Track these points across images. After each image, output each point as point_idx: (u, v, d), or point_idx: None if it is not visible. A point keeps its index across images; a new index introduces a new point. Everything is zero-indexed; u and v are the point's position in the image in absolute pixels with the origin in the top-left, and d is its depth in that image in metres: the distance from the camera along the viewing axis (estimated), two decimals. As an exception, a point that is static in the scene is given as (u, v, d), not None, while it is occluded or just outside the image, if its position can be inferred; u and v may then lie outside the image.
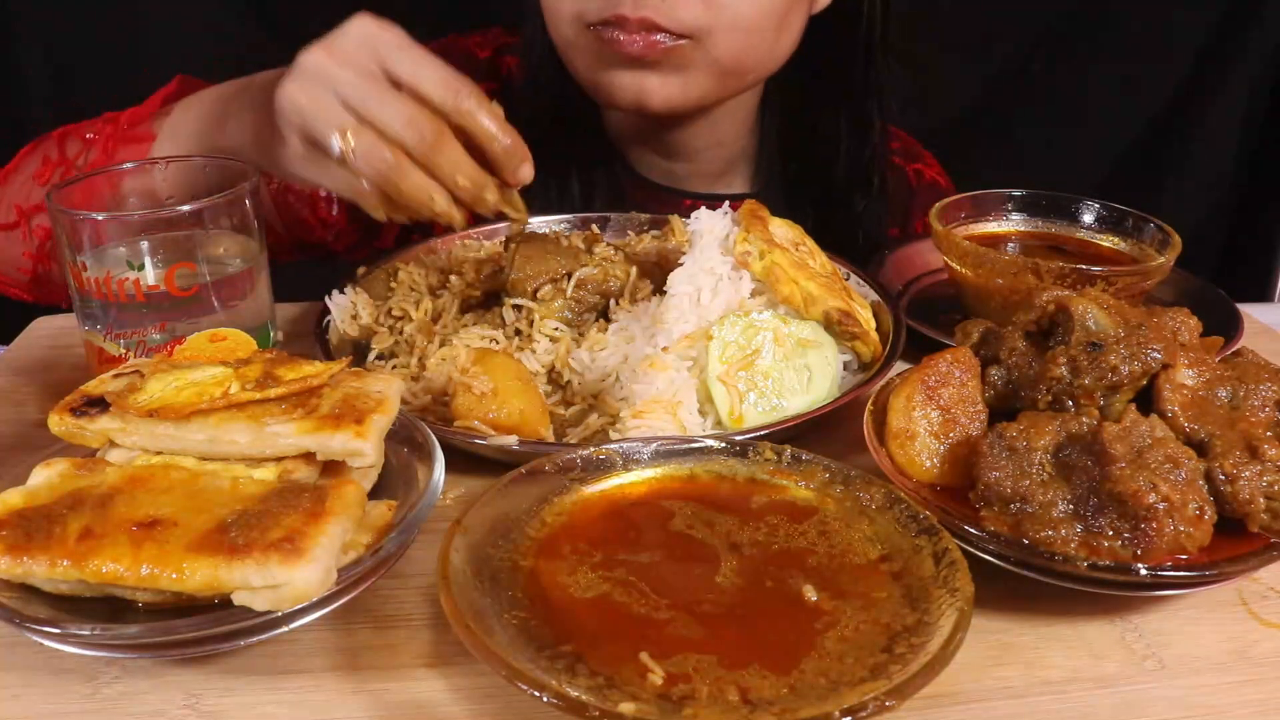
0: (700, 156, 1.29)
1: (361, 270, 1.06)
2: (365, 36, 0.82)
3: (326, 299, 1.01)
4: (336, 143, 0.80)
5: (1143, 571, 0.62)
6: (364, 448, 0.65)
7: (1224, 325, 0.94)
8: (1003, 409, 0.76)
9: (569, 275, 0.96)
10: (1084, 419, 0.69)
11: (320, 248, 1.31)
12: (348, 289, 1.03)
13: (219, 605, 0.57)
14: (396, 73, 0.81)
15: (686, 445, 0.75)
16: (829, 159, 1.30)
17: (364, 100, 0.80)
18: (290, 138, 0.84)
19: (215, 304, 0.83)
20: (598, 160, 1.27)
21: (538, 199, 1.23)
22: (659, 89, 1.09)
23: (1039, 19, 2.01)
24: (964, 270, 1.01)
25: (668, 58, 1.06)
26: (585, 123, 1.27)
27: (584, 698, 0.53)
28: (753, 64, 1.13)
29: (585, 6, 1.06)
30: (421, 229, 1.33)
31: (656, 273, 0.99)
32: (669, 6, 1.02)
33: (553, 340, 0.93)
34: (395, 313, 1.00)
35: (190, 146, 1.00)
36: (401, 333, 0.99)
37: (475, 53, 1.32)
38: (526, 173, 0.87)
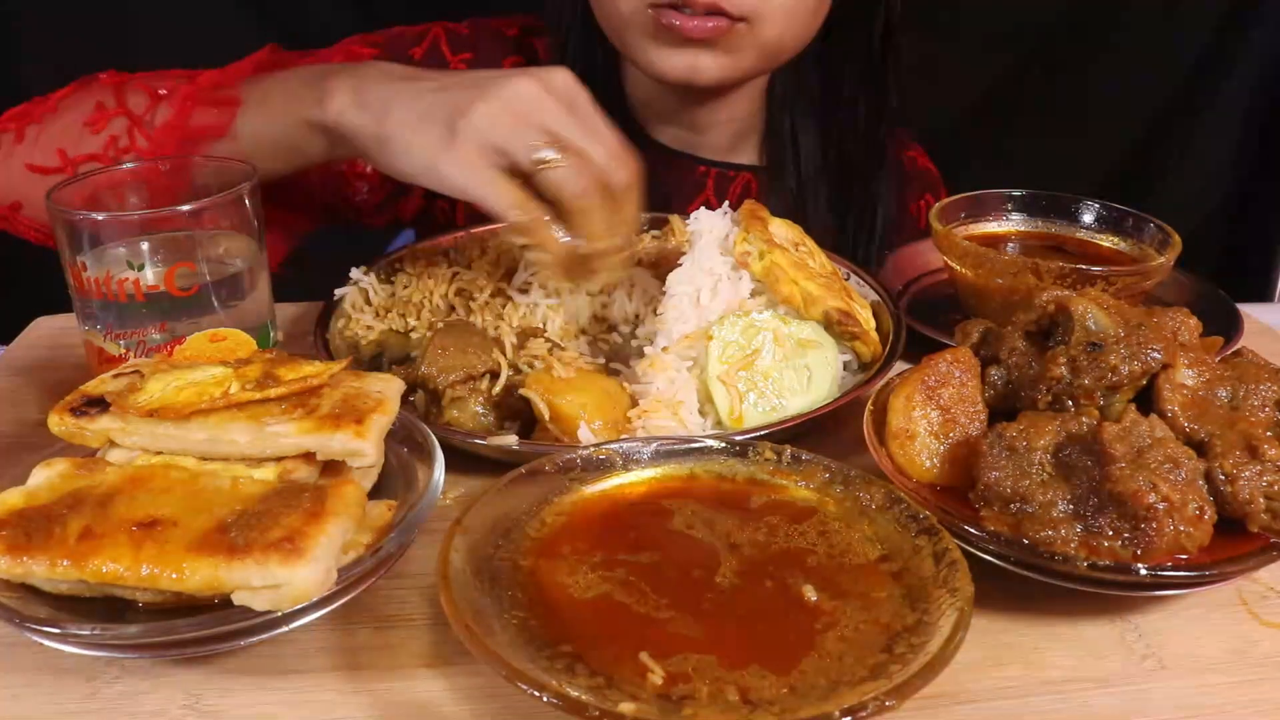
0: (715, 130, 1.36)
1: (357, 273, 1.06)
2: (570, 85, 0.88)
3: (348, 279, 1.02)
4: (548, 153, 0.85)
5: (1143, 571, 0.62)
6: (364, 448, 0.65)
7: (1224, 325, 0.94)
8: (1003, 409, 0.76)
9: (491, 374, 0.86)
10: (1084, 419, 0.69)
11: (347, 208, 1.30)
12: (355, 271, 1.03)
13: (219, 605, 0.57)
14: (592, 123, 0.88)
15: (686, 445, 0.75)
16: (844, 136, 1.35)
17: (573, 133, 0.86)
18: (466, 142, 0.85)
19: (215, 304, 0.83)
20: (620, 128, 1.32)
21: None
22: (709, 67, 1.16)
23: (1040, 19, 2.01)
24: (964, 270, 1.01)
25: (722, 39, 1.13)
26: (609, 93, 1.32)
27: (584, 697, 0.53)
28: (790, 43, 1.21)
29: None
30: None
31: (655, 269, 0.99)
32: None
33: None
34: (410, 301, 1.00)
35: (280, 116, 0.98)
36: (410, 329, 0.98)
37: (504, 30, 1.38)
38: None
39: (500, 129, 0.84)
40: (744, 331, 0.85)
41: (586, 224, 0.87)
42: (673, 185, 1.35)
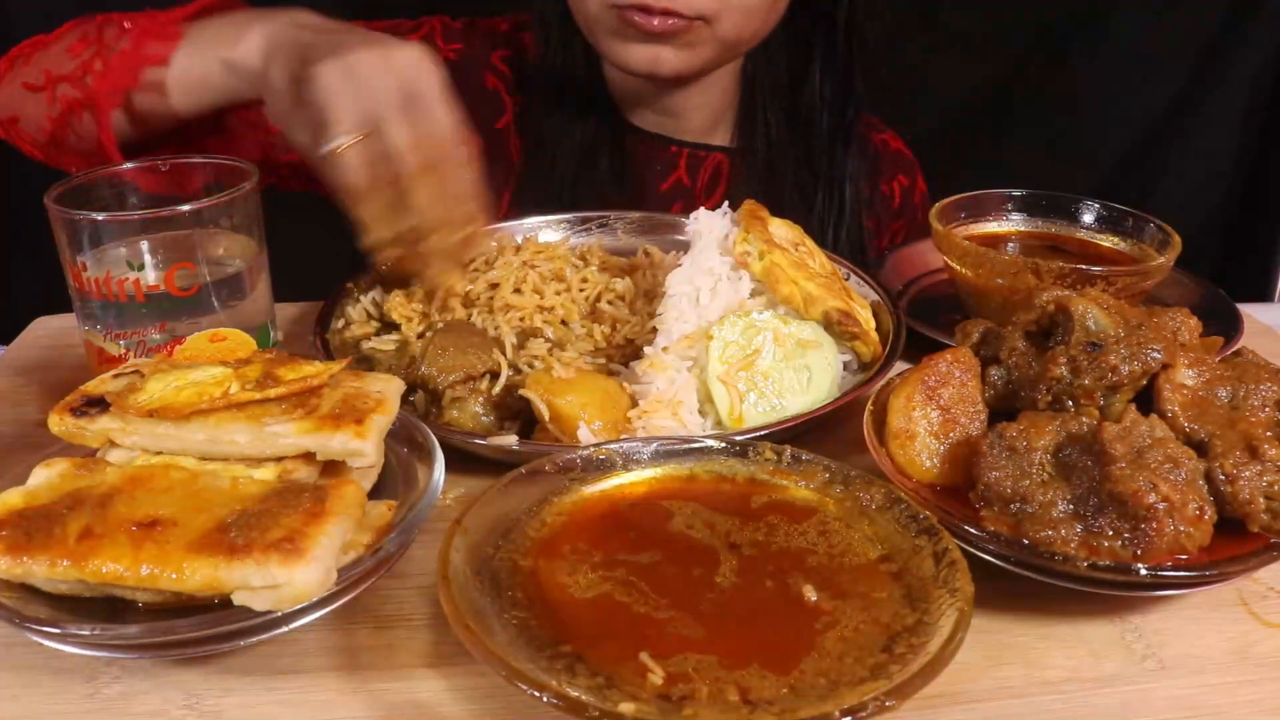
0: (690, 114, 1.41)
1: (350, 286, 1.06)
2: (414, 63, 0.90)
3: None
4: (335, 142, 0.87)
5: (1143, 571, 0.62)
6: (364, 448, 0.65)
7: (1224, 325, 0.94)
8: (1003, 409, 0.76)
9: (491, 374, 0.86)
10: (1084, 419, 0.69)
11: (275, 168, 1.33)
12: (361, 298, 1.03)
13: (219, 605, 0.57)
14: (421, 105, 0.89)
15: (686, 445, 0.75)
16: (812, 116, 1.39)
17: (383, 114, 0.87)
18: (305, 105, 0.89)
19: (215, 304, 0.83)
20: (600, 114, 1.39)
21: (548, 148, 1.35)
22: (670, 59, 1.22)
23: (1039, 19, 2.01)
24: (964, 270, 1.01)
25: (681, 35, 1.19)
26: (590, 82, 1.38)
27: (584, 698, 0.53)
28: (749, 37, 1.27)
29: None
30: None
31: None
32: None
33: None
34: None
35: (204, 51, 1.04)
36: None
37: (496, 27, 1.45)
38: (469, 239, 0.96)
39: (326, 102, 0.87)
40: (744, 332, 0.85)
41: (365, 213, 0.90)
42: (646, 166, 1.41)
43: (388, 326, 0.98)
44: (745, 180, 1.39)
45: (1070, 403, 0.72)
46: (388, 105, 0.87)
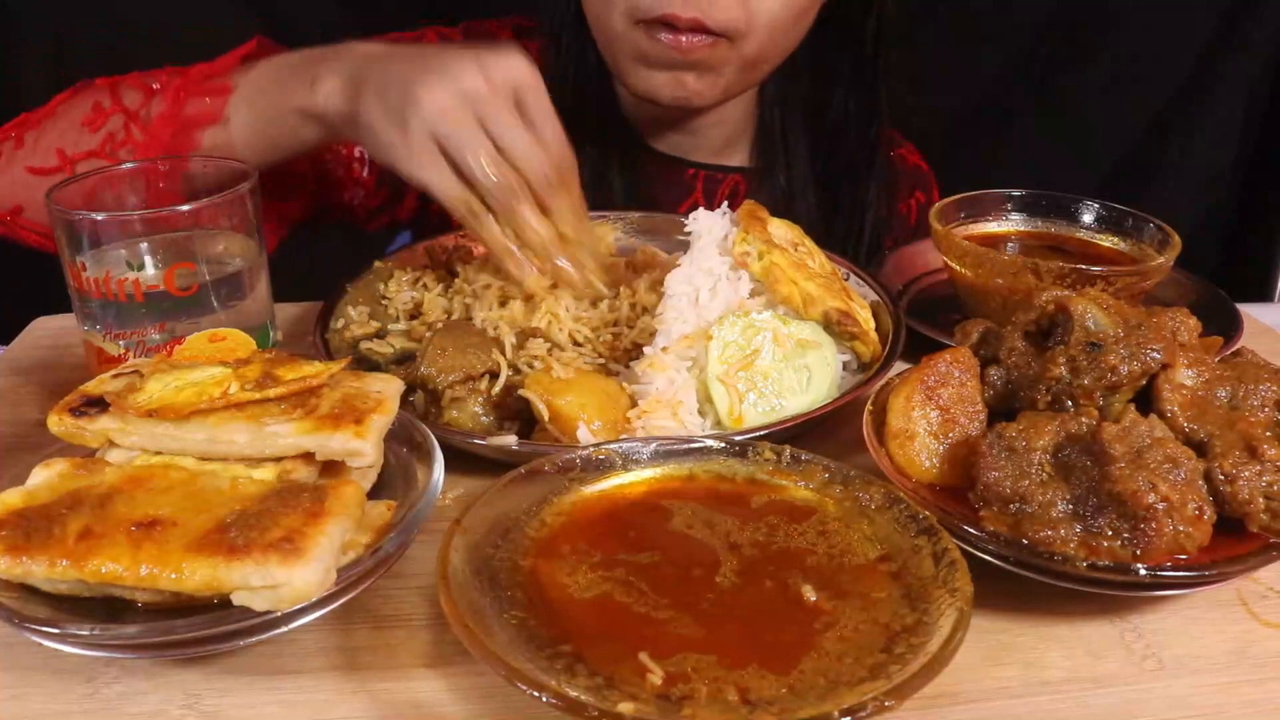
0: (707, 133, 1.37)
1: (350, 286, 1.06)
2: (516, 70, 0.89)
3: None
4: (479, 168, 0.86)
5: (1142, 571, 0.62)
6: (363, 448, 0.65)
7: (1224, 325, 0.94)
8: (1002, 409, 0.76)
9: (490, 374, 0.86)
10: (1083, 419, 0.69)
11: (343, 209, 1.32)
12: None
13: (218, 605, 0.57)
14: (528, 116, 0.88)
15: (686, 445, 0.75)
16: (836, 137, 1.36)
17: (505, 131, 0.87)
18: (415, 133, 0.87)
19: (215, 304, 0.83)
20: (611, 132, 1.35)
21: None
22: (694, 85, 1.17)
23: (1039, 18, 2.01)
24: (964, 270, 1.01)
25: (706, 57, 1.14)
26: (601, 98, 1.34)
27: (583, 698, 0.53)
28: (772, 56, 1.22)
29: (638, 2, 1.13)
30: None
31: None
32: (713, 8, 1.10)
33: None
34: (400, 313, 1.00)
35: (270, 105, 1.00)
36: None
37: (496, 33, 1.39)
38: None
39: (444, 122, 0.86)
40: (744, 332, 0.85)
41: (515, 228, 0.90)
42: (661, 188, 1.36)
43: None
44: (763, 202, 1.35)
45: (1070, 403, 0.72)
46: (502, 116, 0.86)
